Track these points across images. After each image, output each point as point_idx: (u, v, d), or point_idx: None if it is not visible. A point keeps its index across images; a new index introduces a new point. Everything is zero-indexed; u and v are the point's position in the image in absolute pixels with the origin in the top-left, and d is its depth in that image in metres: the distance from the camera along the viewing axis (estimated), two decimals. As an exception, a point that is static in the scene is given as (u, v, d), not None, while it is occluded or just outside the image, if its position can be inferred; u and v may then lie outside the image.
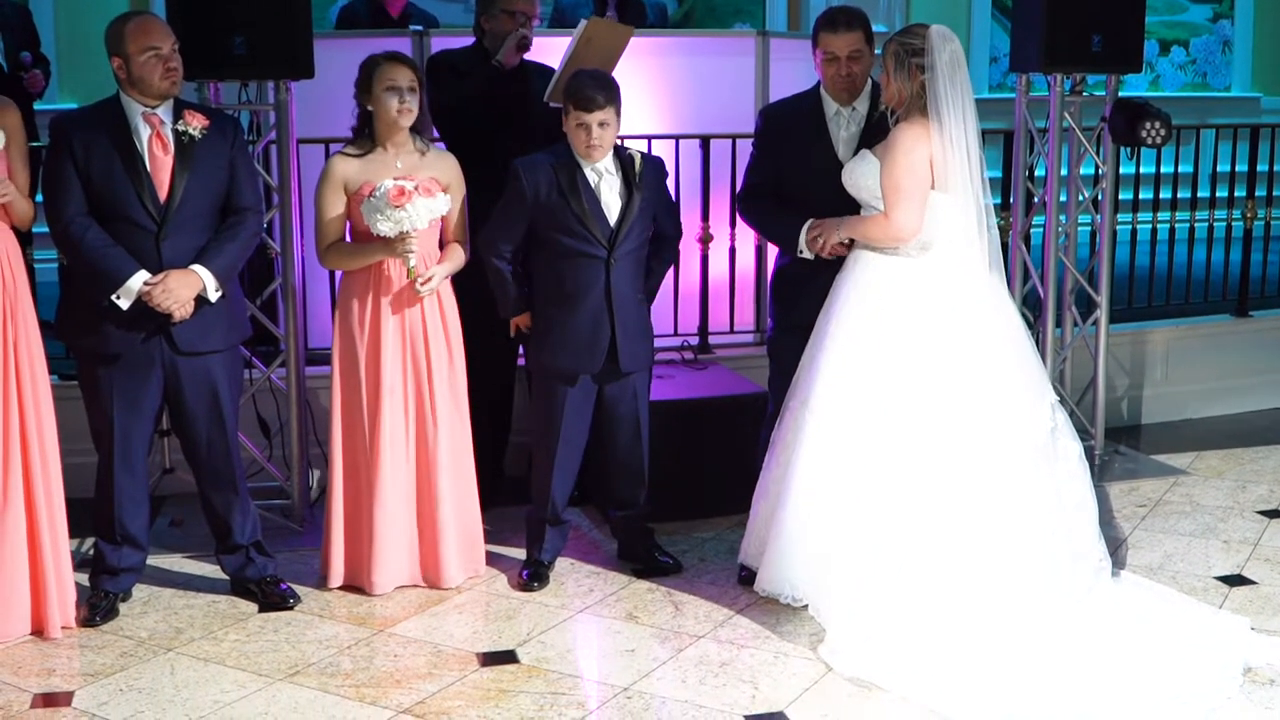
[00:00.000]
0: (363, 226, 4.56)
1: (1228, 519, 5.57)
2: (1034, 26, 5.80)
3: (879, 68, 4.50)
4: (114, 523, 4.51)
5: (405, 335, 4.67)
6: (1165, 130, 5.77)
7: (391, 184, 4.43)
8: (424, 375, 4.71)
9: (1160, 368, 7.00)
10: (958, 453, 4.28)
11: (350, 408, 4.70)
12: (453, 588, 4.77)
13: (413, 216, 4.44)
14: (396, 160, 4.62)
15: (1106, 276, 6.24)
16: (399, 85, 4.57)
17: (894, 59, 4.32)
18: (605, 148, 4.62)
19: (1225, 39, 10.77)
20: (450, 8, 8.91)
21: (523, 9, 5.38)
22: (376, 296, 4.64)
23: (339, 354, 4.69)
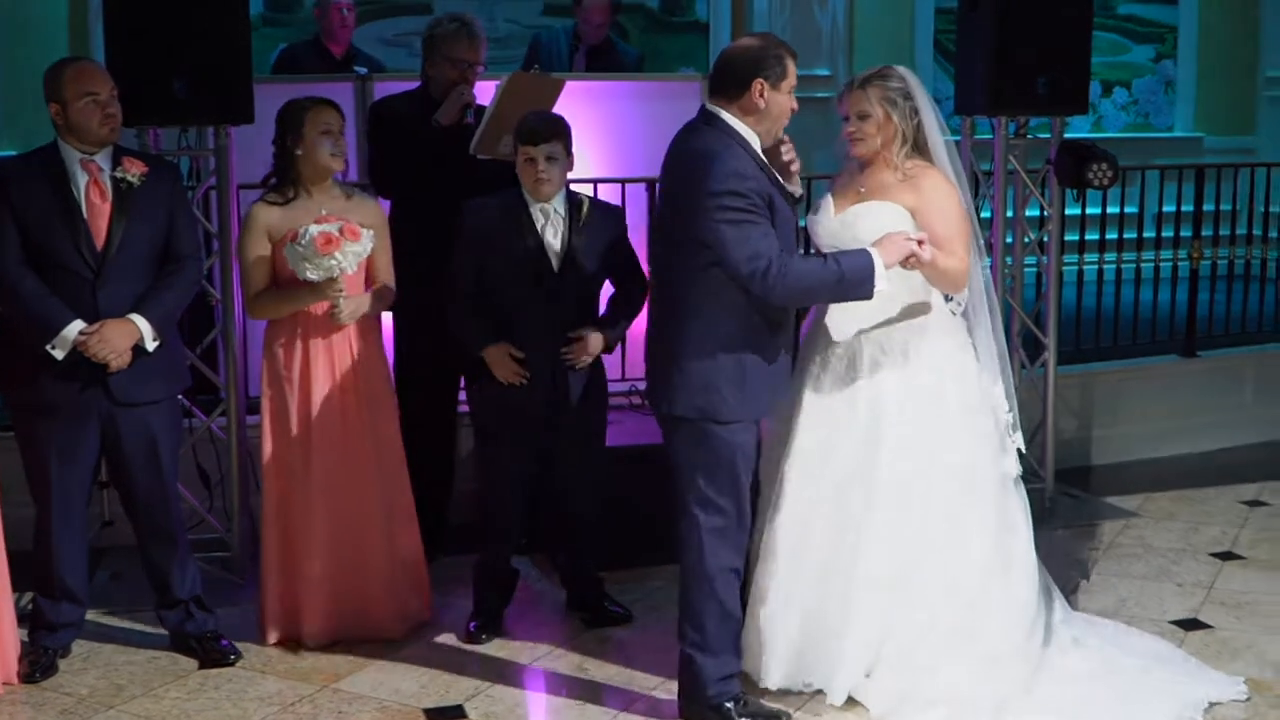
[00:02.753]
0: (288, 274, 4.48)
1: (1180, 561, 5.56)
2: (979, 69, 5.80)
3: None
4: (53, 577, 4.40)
5: (335, 378, 4.60)
6: (1112, 172, 5.78)
7: (316, 230, 4.35)
8: (356, 419, 4.63)
9: (1109, 409, 7.01)
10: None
11: (281, 455, 4.61)
12: (394, 638, 4.68)
13: (342, 262, 4.37)
14: (320, 206, 4.55)
15: (1054, 318, 6.24)
16: (332, 129, 4.53)
17: (888, 103, 4.15)
18: (555, 183, 4.56)
19: (1168, 79, 10.88)
20: (395, 52, 8.86)
21: (465, 57, 5.33)
22: (305, 340, 4.57)
23: (268, 400, 4.61)
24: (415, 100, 5.43)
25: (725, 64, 3.96)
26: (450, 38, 5.35)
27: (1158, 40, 10.90)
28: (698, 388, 3.93)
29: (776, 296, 3.85)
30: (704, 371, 3.92)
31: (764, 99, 3.89)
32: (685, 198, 3.86)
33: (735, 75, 3.91)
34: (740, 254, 3.79)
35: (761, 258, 3.78)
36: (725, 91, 3.94)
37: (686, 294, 3.93)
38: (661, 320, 4.04)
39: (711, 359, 3.91)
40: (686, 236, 3.86)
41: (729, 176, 3.80)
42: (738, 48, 4.00)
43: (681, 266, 3.91)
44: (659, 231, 4.13)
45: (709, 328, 3.91)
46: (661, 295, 4.05)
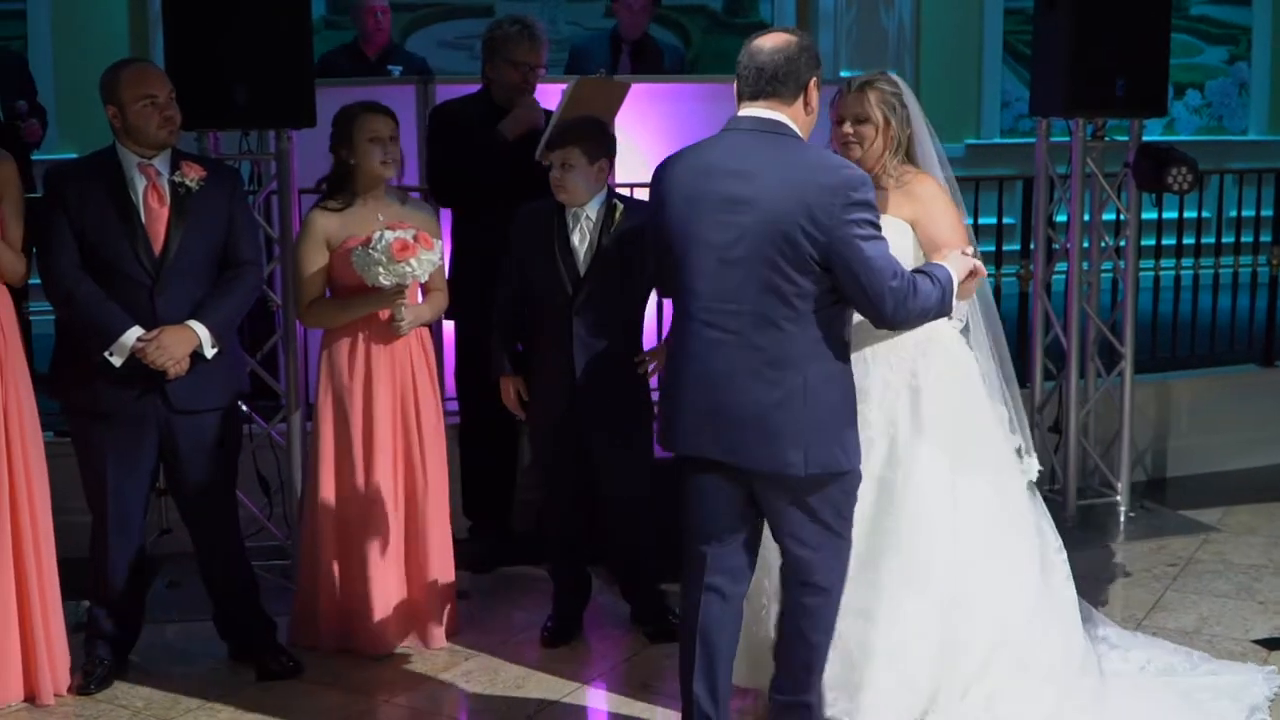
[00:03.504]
0: (347, 281, 4.42)
1: (1262, 578, 5.37)
2: (1056, 70, 5.66)
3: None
4: (108, 586, 4.34)
5: (395, 387, 4.53)
6: (1193, 176, 5.61)
7: (392, 236, 4.27)
8: (414, 427, 4.57)
9: (1185, 419, 6.80)
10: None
11: (341, 463, 4.53)
12: (426, 650, 4.64)
13: (417, 269, 4.30)
14: (377, 212, 4.48)
15: (1131, 326, 6.07)
16: (381, 136, 4.45)
17: (887, 107, 3.92)
18: (570, 190, 4.47)
19: (1242, 81, 10.64)
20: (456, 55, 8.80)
21: (526, 60, 5.24)
22: (367, 347, 4.50)
23: (328, 409, 4.53)
24: (476, 104, 5.35)
25: (782, 60, 3.43)
26: (511, 40, 5.26)
27: (1231, 42, 10.66)
28: (825, 440, 3.46)
29: (903, 320, 3.47)
30: (830, 421, 3.47)
31: (813, 101, 3.51)
32: (801, 218, 3.31)
33: (792, 73, 3.44)
34: (884, 274, 3.35)
35: (900, 277, 3.40)
36: (780, 93, 3.44)
37: (799, 333, 3.40)
38: (749, 369, 3.42)
39: (833, 404, 3.48)
40: (801, 265, 3.34)
41: (861, 184, 3.37)
42: (784, 41, 3.47)
43: (788, 302, 3.37)
44: (731, 266, 3.42)
45: (828, 368, 3.46)
46: (740, 340, 3.43)
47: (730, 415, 3.45)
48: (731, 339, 3.42)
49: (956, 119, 9.66)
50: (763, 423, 3.43)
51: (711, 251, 3.42)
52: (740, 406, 3.44)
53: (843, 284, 3.37)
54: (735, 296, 3.40)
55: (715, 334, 3.44)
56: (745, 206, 3.37)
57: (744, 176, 3.38)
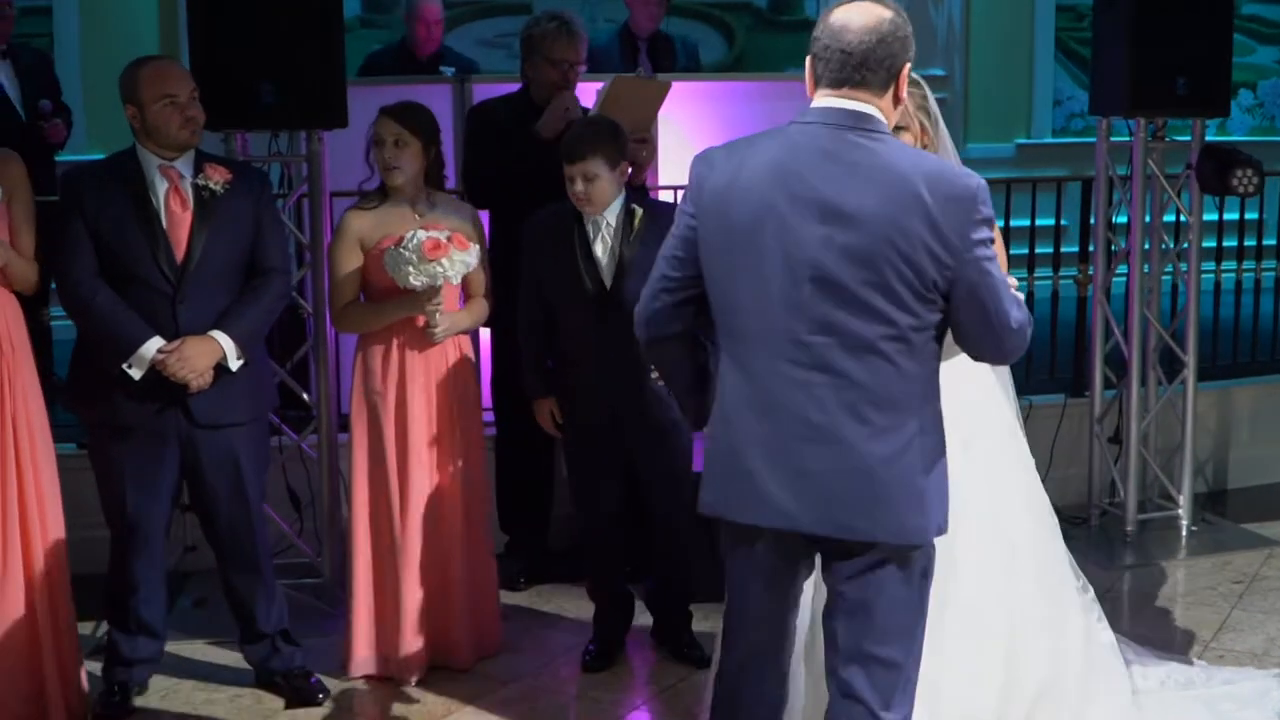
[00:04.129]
0: (381, 284, 4.25)
1: (1332, 597, 5.14)
2: (1116, 69, 5.44)
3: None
4: (128, 609, 4.15)
5: (430, 396, 4.36)
6: (1258, 178, 5.38)
7: (424, 235, 4.11)
8: (449, 440, 4.39)
9: (1246, 429, 6.55)
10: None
11: (372, 475, 4.36)
12: (465, 669, 4.46)
13: (448, 270, 4.13)
14: (413, 212, 4.32)
15: (1194, 333, 5.83)
16: (384, 139, 4.28)
17: (924, 114, 3.54)
18: (597, 202, 4.28)
19: (1291, 81, 10.36)
20: (494, 53, 8.62)
21: (565, 57, 5.06)
22: (401, 354, 4.33)
23: (360, 418, 4.36)
24: (515, 104, 5.18)
25: (874, 41, 2.80)
26: (549, 37, 5.09)
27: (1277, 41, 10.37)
28: (939, 493, 2.90)
29: (1016, 355, 2.94)
30: (938, 479, 2.90)
31: (904, 89, 2.89)
32: (927, 235, 2.74)
33: (886, 58, 2.81)
34: (1011, 304, 2.82)
35: (1023, 306, 2.86)
36: (870, 82, 2.81)
37: (914, 370, 2.82)
38: (854, 415, 2.81)
39: (939, 457, 2.91)
40: (922, 291, 2.77)
41: (987, 197, 2.80)
42: (875, 18, 2.82)
43: (902, 335, 2.79)
44: (827, 289, 2.80)
45: (937, 410, 2.92)
46: (839, 381, 2.81)
47: (829, 475, 2.82)
48: (827, 380, 2.80)
49: (1007, 118, 9.41)
50: (877, 481, 2.81)
51: (799, 270, 2.78)
52: (843, 463, 2.81)
53: (963, 314, 2.80)
54: (833, 327, 2.78)
55: (803, 373, 2.81)
56: (849, 218, 2.75)
57: (841, 181, 2.78)
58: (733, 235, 2.85)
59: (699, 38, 8.21)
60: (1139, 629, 4.78)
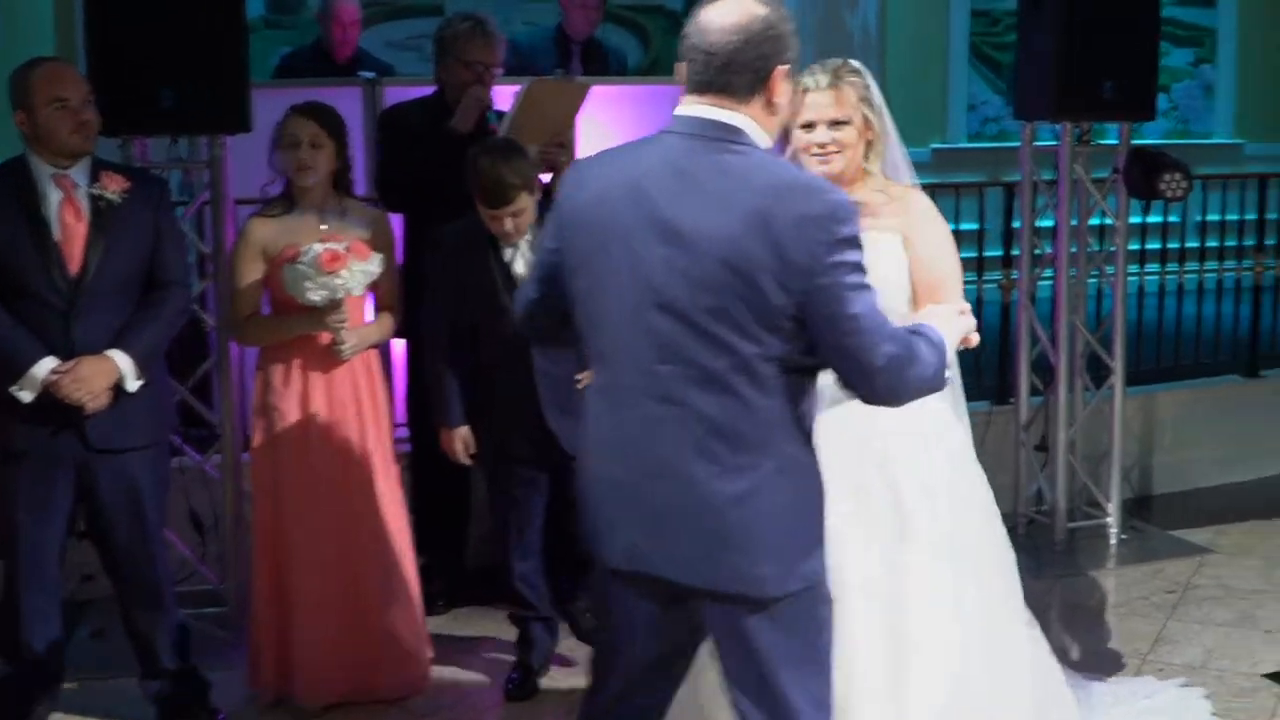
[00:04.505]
0: (285, 296, 4.03)
1: (1264, 605, 5.08)
2: (1043, 73, 5.36)
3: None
4: (21, 642, 3.89)
5: (335, 415, 4.15)
6: (1187, 182, 5.33)
7: (320, 247, 3.91)
8: (358, 460, 4.18)
9: (1169, 434, 6.51)
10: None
11: (276, 498, 4.15)
12: (391, 699, 4.25)
13: (349, 282, 3.93)
14: (319, 221, 4.10)
15: (1121, 338, 5.77)
16: (299, 140, 4.06)
17: (868, 105, 3.25)
18: (524, 230, 4.12)
19: (1207, 84, 10.40)
20: (404, 56, 8.39)
21: (480, 58, 4.89)
22: (305, 371, 4.13)
23: (263, 438, 4.15)
24: (429, 106, 4.99)
25: (737, 42, 2.54)
26: (462, 38, 4.92)
27: (1196, 44, 10.43)
28: (800, 540, 2.64)
29: (897, 394, 2.60)
30: (803, 525, 2.65)
31: (781, 96, 2.61)
32: (769, 257, 2.47)
33: (751, 60, 2.55)
34: (877, 336, 2.51)
35: (897, 340, 2.55)
36: (732, 87, 2.55)
37: (767, 405, 2.55)
38: (701, 452, 2.56)
39: (810, 497, 2.67)
40: (769, 319, 2.51)
41: (849, 215, 2.52)
42: (742, 14, 2.56)
43: (748, 366, 2.52)
44: (670, 316, 2.54)
45: (801, 451, 2.64)
46: (684, 414, 2.55)
47: (675, 515, 2.58)
48: (675, 413, 2.55)
49: (922, 123, 9.34)
50: (724, 524, 2.56)
51: (644, 296, 2.54)
52: (689, 503, 2.57)
53: (822, 346, 2.53)
54: (677, 355, 2.54)
55: (654, 405, 2.57)
56: (685, 239, 2.50)
57: (682, 199, 2.52)
58: (590, 257, 2.63)
59: (616, 41, 8.06)
60: (1073, 641, 4.70)
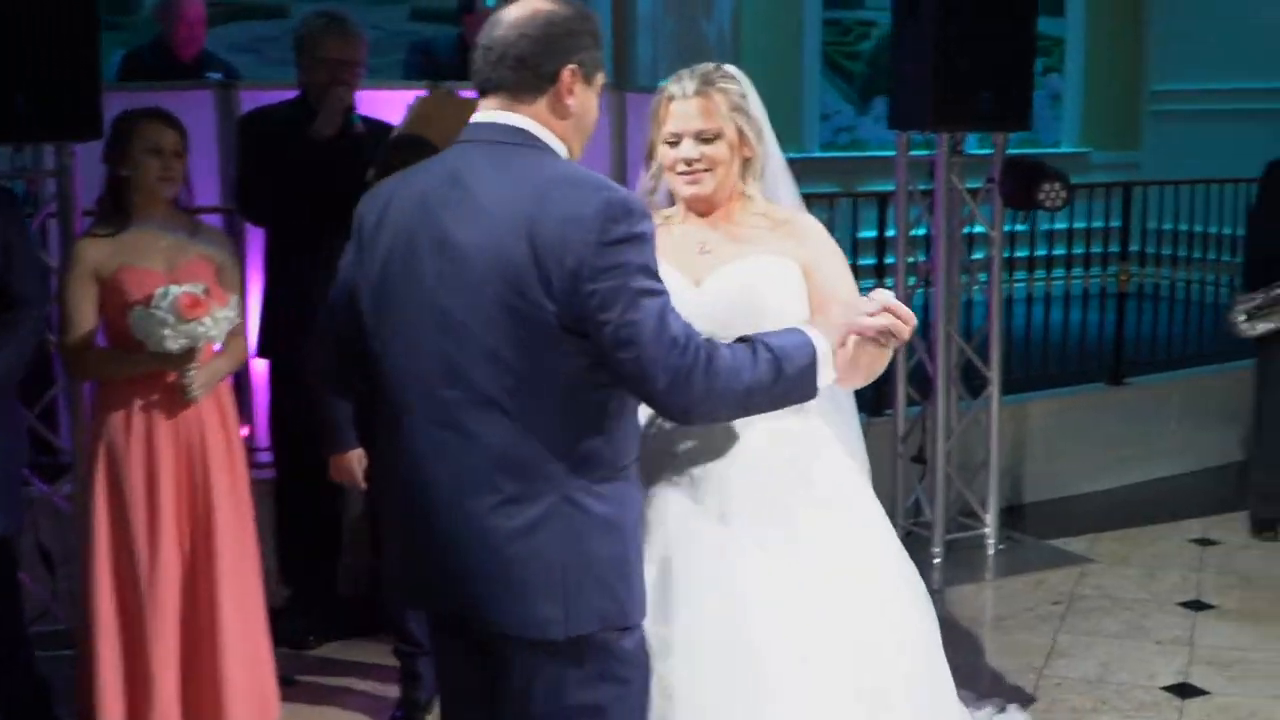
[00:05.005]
0: (122, 326, 3.68)
1: (1150, 615, 5.08)
2: (921, 82, 5.30)
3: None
4: None
5: (183, 448, 3.78)
6: (1066, 191, 5.33)
7: (178, 290, 3.57)
8: (205, 497, 3.82)
9: (1039, 443, 6.54)
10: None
11: (119, 540, 3.77)
12: None
13: (211, 330, 3.62)
14: (159, 239, 3.78)
15: (997, 347, 5.75)
16: (163, 148, 3.76)
17: (741, 115, 2.81)
18: None
19: (1054, 93, 10.57)
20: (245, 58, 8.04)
21: (339, 56, 4.65)
22: (147, 404, 3.75)
23: (100, 477, 3.76)
24: (292, 110, 4.72)
25: (514, 37, 2.39)
26: (320, 36, 4.69)
27: (1044, 53, 10.58)
28: (596, 585, 2.38)
29: (695, 408, 2.35)
30: (604, 556, 2.39)
31: (574, 98, 2.42)
32: (534, 264, 2.27)
33: (533, 56, 2.38)
34: (659, 341, 2.28)
35: (686, 347, 2.30)
36: (512, 86, 2.39)
37: (554, 430, 2.34)
38: (482, 482, 2.35)
39: (609, 534, 2.39)
40: (545, 332, 2.29)
41: (626, 213, 2.28)
42: (531, 9, 2.42)
43: (532, 386, 2.32)
44: (451, 336, 2.36)
45: (599, 480, 2.38)
46: (466, 441, 2.36)
47: (456, 549, 2.39)
48: (457, 440, 2.36)
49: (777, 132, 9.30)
50: (502, 560, 2.35)
51: (425, 316, 2.37)
52: (471, 538, 2.37)
53: (605, 356, 2.30)
54: (459, 378, 2.34)
55: (438, 432, 2.38)
56: (459, 252, 2.33)
57: (458, 210, 2.35)
58: (381, 279, 2.44)
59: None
60: (968, 657, 4.63)
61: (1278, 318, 5.60)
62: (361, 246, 2.50)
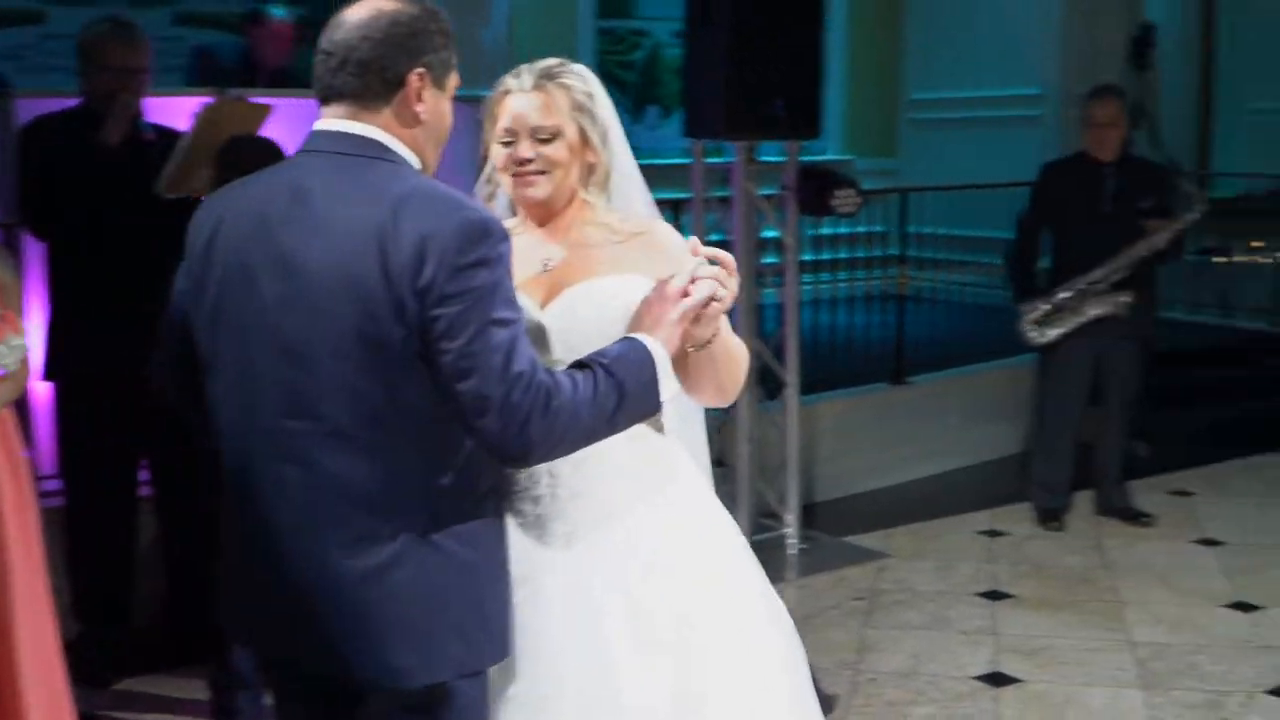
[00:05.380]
0: None
1: (952, 606, 5.25)
2: (713, 91, 5.35)
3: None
4: None
5: None
6: (859, 197, 5.47)
7: None
8: None
9: (829, 442, 6.69)
10: None
11: None
12: None
13: (5, 358, 3.40)
14: None
15: (794, 350, 5.86)
16: None
17: (583, 115, 2.53)
18: None
19: (819, 102, 10.86)
20: (1, 66, 7.63)
21: (122, 63, 4.46)
22: None
23: None
24: (76, 119, 4.52)
25: (356, 40, 2.20)
26: (104, 42, 4.50)
27: (805, 63, 10.88)
28: (448, 625, 2.22)
29: (534, 455, 2.17)
30: (464, 597, 2.24)
31: (423, 105, 2.24)
32: (383, 286, 2.09)
33: (377, 60, 2.20)
34: (505, 377, 2.09)
35: (526, 382, 2.11)
36: (356, 92, 2.21)
37: (411, 463, 2.18)
38: (331, 518, 2.19)
39: (463, 582, 2.24)
40: (400, 359, 2.12)
41: (482, 235, 2.11)
42: (374, 9, 2.22)
43: (383, 417, 2.15)
44: (297, 363, 2.17)
45: (461, 518, 2.22)
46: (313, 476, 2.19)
47: (298, 590, 2.22)
48: (301, 475, 2.19)
49: (555, 140, 9.34)
50: (353, 604, 2.19)
51: (266, 340, 2.19)
52: (319, 580, 2.20)
53: (444, 387, 2.11)
54: (304, 408, 2.17)
55: (278, 466, 2.21)
56: (305, 272, 2.15)
57: (300, 225, 2.17)
58: (218, 301, 2.25)
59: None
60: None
61: (1065, 322, 5.87)
62: (192, 267, 2.30)
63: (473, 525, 2.23)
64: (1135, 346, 6.07)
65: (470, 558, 2.23)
